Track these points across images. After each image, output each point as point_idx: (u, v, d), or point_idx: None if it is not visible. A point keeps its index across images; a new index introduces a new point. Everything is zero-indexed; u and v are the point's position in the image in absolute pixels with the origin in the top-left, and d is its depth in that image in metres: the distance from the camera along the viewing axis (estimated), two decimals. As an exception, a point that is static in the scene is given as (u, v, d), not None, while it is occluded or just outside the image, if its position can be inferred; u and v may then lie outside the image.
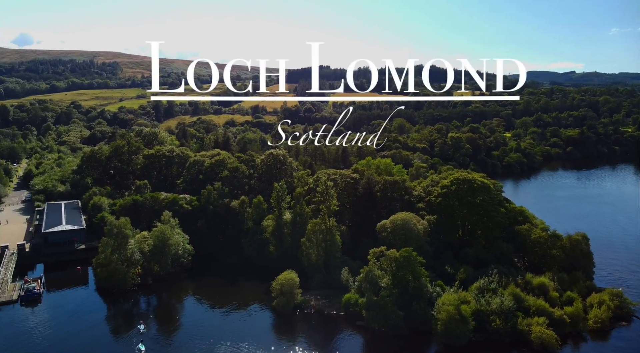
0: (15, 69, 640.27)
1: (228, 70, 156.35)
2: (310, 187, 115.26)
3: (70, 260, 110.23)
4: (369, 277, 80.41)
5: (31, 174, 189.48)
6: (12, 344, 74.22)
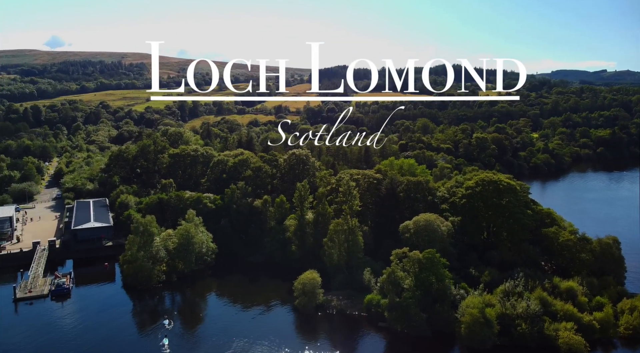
0: (47, 71, 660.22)
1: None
2: (333, 187, 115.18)
3: (98, 256, 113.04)
4: (392, 278, 79.83)
5: (61, 172, 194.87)
6: (43, 337, 76.50)
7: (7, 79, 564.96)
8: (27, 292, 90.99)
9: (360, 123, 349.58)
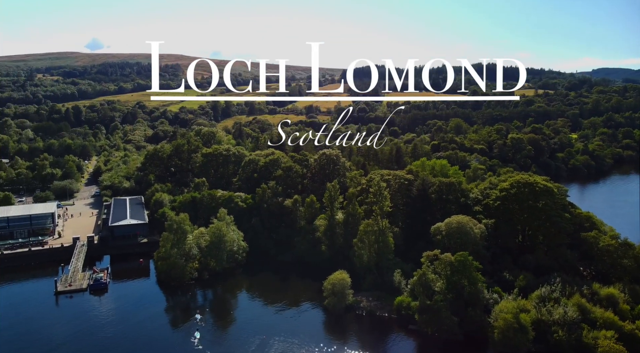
0: (87, 72, 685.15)
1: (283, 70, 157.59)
2: (363, 187, 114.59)
3: (133, 252, 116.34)
4: (423, 281, 78.77)
5: (100, 170, 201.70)
6: (82, 328, 79.32)
7: (51, 81, 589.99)
8: (68, 286, 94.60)
9: (391, 123, 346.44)
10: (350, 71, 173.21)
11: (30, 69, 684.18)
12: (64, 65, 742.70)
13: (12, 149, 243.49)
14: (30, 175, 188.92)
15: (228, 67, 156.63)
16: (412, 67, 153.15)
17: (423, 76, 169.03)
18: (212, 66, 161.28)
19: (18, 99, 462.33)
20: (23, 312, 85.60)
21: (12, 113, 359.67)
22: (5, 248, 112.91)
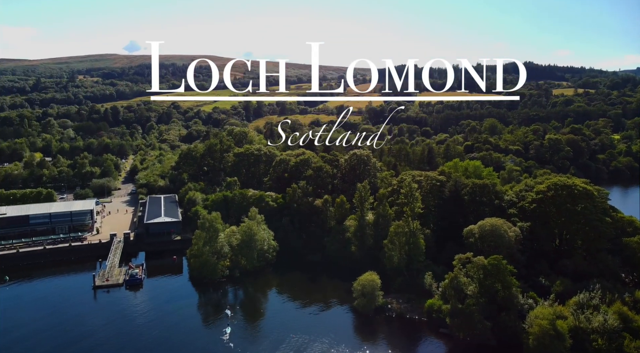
0: (125, 73, 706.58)
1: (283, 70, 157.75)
2: (394, 188, 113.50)
3: (167, 249, 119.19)
4: (454, 284, 77.33)
5: (136, 169, 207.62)
6: (118, 322, 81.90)
7: (91, 82, 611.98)
8: (105, 281, 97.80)
9: (423, 123, 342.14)
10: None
11: (72, 71, 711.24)
12: (103, 66, 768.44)
13: (54, 148, 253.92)
14: (71, 173, 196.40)
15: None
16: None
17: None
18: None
19: (60, 100, 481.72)
20: (64, 305, 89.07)
21: (55, 113, 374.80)
22: (48, 243, 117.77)
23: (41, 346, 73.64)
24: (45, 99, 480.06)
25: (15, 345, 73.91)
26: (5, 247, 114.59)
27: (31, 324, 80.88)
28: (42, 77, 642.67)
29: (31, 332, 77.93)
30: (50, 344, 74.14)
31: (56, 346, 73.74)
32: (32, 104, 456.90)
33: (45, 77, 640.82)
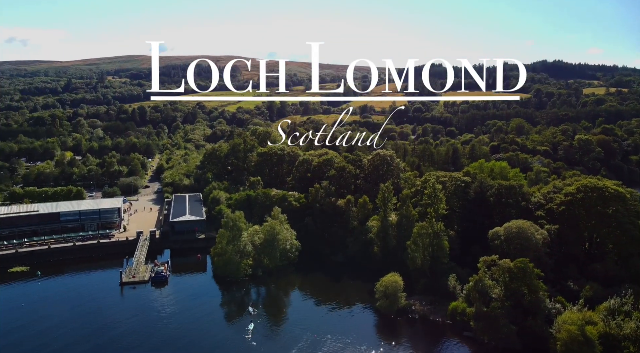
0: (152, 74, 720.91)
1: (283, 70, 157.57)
2: (418, 189, 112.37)
3: (191, 247, 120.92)
4: (479, 286, 76.07)
5: (162, 168, 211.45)
6: (144, 318, 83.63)
7: (119, 83, 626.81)
8: (131, 277, 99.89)
9: (448, 123, 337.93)
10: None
11: (101, 72, 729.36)
12: (131, 67, 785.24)
13: (84, 147, 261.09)
14: (99, 172, 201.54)
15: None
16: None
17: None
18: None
19: (90, 100, 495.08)
20: (92, 300, 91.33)
21: (85, 113, 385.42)
22: (78, 240, 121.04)
23: (70, 337, 75.72)
24: (75, 100, 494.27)
25: (46, 335, 76.17)
26: (37, 243, 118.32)
27: (61, 317, 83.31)
28: (73, 78, 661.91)
29: (61, 325, 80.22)
30: (79, 335, 76.10)
31: (84, 337, 75.66)
32: (63, 104, 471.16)
33: (76, 78, 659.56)
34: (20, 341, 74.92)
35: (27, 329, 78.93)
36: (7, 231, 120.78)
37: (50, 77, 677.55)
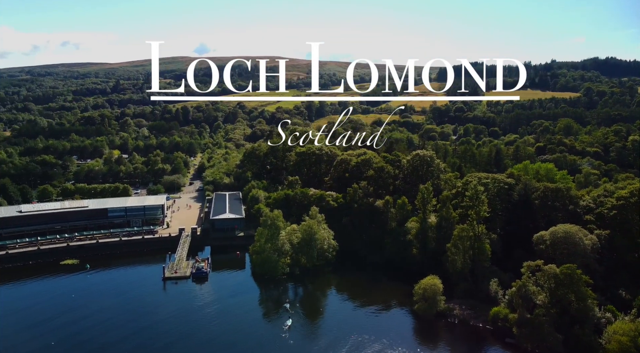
0: (195, 75, 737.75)
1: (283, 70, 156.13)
2: (459, 190, 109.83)
3: (231, 245, 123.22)
4: (522, 292, 73.44)
5: (204, 166, 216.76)
6: (186, 312, 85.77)
7: (164, 83, 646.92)
8: (174, 273, 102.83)
9: (491, 124, 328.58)
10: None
11: (147, 73, 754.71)
12: (175, 68, 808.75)
13: (130, 145, 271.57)
14: (144, 170, 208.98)
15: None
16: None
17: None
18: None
19: (136, 100, 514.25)
20: (136, 293, 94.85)
21: (132, 113, 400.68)
22: (124, 235, 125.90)
23: (116, 327, 78.72)
24: (123, 100, 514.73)
25: (94, 325, 79.51)
26: (86, 237, 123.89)
27: (108, 308, 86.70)
28: (121, 79, 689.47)
29: (107, 314, 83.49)
30: (124, 327, 78.90)
31: (130, 327, 78.42)
32: (111, 104, 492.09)
33: (124, 80, 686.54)
34: (71, 328, 78.50)
35: (77, 316, 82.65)
36: (60, 225, 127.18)
37: (100, 79, 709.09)
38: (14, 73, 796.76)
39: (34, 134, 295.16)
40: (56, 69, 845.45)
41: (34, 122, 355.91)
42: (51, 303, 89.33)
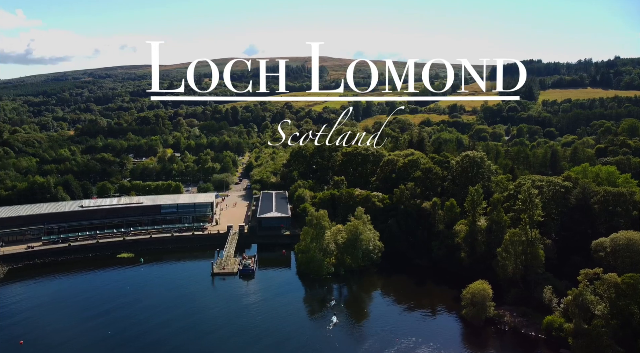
0: (244, 76, 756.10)
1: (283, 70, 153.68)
2: (511, 193, 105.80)
3: (277, 243, 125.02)
4: (579, 301, 69.63)
5: (251, 165, 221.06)
6: (233, 307, 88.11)
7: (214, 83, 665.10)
8: (222, 269, 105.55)
9: (547, 124, 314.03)
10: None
11: (199, 74, 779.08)
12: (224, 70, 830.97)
13: (182, 144, 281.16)
14: (195, 168, 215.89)
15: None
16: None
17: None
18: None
19: (188, 101, 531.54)
20: (186, 287, 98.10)
21: (184, 113, 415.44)
22: (175, 231, 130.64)
23: (166, 318, 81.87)
24: (176, 101, 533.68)
25: (147, 318, 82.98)
26: (141, 232, 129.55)
27: (160, 300, 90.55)
28: (175, 80, 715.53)
29: (160, 308, 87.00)
30: (175, 321, 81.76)
31: (181, 321, 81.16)
32: (165, 105, 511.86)
33: (177, 81, 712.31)
34: (125, 319, 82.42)
35: (132, 308, 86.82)
36: (117, 220, 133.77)
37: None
38: (78, 75, 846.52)
39: (95, 133, 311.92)
40: (115, 71, 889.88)
41: (94, 122, 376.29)
42: (108, 294, 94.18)
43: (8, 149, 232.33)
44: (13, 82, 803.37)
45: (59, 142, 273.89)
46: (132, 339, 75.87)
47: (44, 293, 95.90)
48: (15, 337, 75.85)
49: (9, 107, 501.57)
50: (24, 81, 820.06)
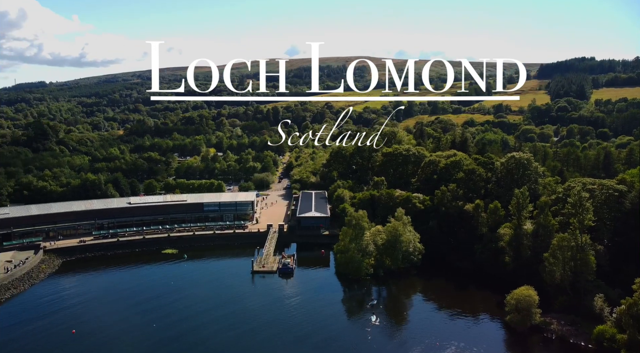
0: (286, 76, 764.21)
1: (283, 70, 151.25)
2: (559, 196, 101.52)
3: (316, 243, 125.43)
4: (634, 311, 66.03)
5: (291, 165, 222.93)
6: (273, 305, 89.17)
7: (256, 85, 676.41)
8: (261, 267, 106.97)
9: (599, 124, 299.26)
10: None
11: (241, 75, 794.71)
12: (267, 70, 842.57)
13: (225, 144, 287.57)
14: (237, 167, 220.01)
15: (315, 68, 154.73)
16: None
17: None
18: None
19: (231, 101, 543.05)
20: (228, 285, 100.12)
21: (227, 114, 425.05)
22: (217, 229, 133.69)
23: (208, 314, 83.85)
24: (219, 101, 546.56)
25: (190, 316, 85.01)
26: (184, 229, 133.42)
27: (202, 296, 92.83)
28: (218, 81, 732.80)
29: (203, 305, 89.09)
30: (218, 321, 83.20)
31: (224, 320, 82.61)
32: (209, 105, 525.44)
33: (220, 82, 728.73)
34: (169, 314, 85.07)
35: (176, 303, 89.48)
36: (162, 217, 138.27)
37: (199, 81, 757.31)
38: (127, 77, 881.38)
39: (142, 133, 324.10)
40: (162, 73, 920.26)
41: (142, 122, 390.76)
42: (154, 289, 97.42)
43: (63, 148, 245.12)
44: (68, 85, 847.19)
45: (109, 141, 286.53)
46: (177, 336, 77.27)
47: (94, 286, 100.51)
48: (69, 326, 79.79)
49: (65, 108, 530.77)
50: (78, 83, 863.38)
